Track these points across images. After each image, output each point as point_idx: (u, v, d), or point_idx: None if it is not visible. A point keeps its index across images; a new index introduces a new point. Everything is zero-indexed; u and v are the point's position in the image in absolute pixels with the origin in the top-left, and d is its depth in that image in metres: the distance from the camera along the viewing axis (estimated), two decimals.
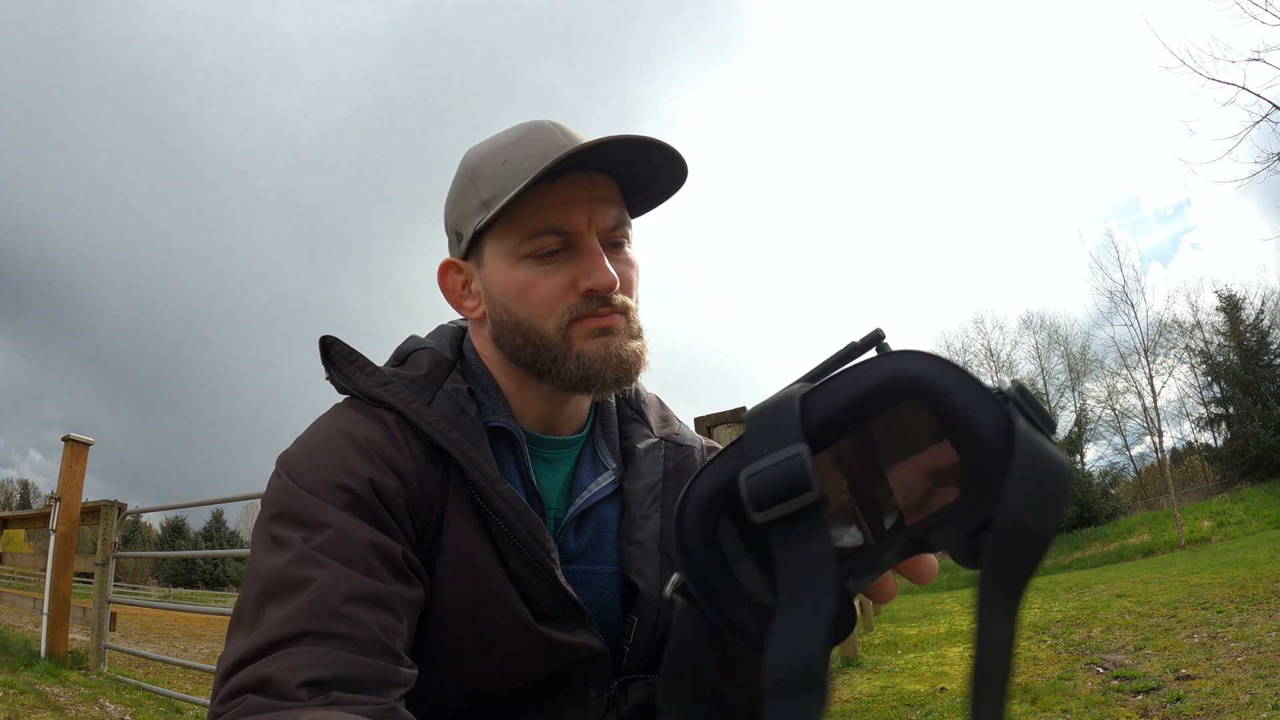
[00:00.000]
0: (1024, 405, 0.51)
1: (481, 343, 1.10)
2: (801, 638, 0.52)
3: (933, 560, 0.62)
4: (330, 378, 1.06)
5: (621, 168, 1.02)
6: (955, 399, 0.52)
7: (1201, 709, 4.39)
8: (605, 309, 1.00)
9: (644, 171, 1.02)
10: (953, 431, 0.55)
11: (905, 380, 0.54)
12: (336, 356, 1.05)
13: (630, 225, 1.06)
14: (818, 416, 0.56)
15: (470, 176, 1.04)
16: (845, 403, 0.55)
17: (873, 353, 0.62)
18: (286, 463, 0.95)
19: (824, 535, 0.53)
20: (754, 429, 0.56)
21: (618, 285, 1.00)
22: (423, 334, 1.17)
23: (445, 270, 1.11)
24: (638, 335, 1.05)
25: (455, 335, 1.14)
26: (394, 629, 0.83)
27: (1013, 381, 0.53)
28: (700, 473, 0.59)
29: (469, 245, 1.05)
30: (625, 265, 1.04)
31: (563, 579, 0.98)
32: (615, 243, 1.04)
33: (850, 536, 0.60)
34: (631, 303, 1.04)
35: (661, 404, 1.25)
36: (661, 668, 0.64)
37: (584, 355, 1.00)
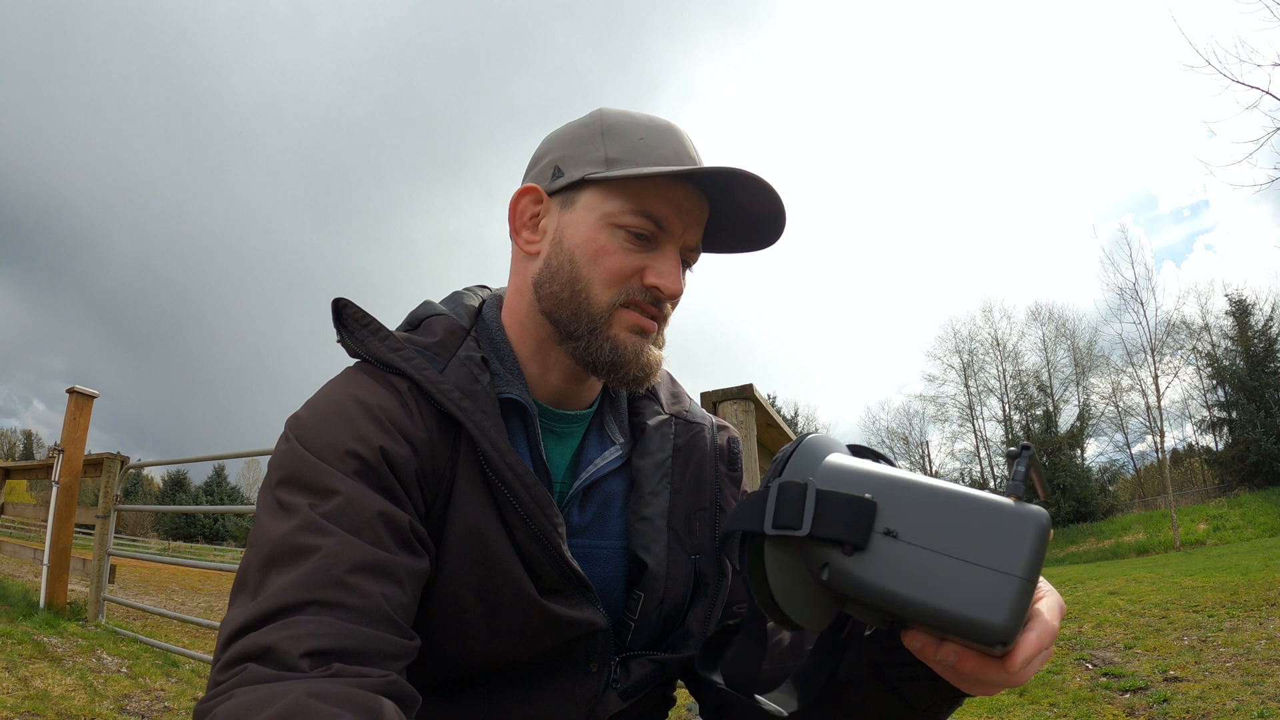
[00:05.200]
0: None
1: (517, 289, 1.10)
2: None
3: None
4: (342, 341, 1.05)
5: (725, 206, 1.06)
6: None
7: (1188, 712, 4.41)
8: (653, 309, 1.04)
9: (738, 217, 1.07)
10: None
11: None
12: (349, 320, 1.04)
13: (699, 255, 1.11)
14: None
15: (603, 130, 1.05)
16: None
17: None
18: (296, 427, 0.94)
19: None
20: None
21: (679, 296, 1.05)
22: (433, 296, 1.16)
23: (524, 194, 1.09)
24: (661, 346, 1.08)
25: (470, 303, 1.13)
26: (398, 600, 0.83)
27: None
28: None
29: (565, 186, 1.05)
30: (683, 284, 1.07)
31: (568, 554, 0.98)
32: (687, 262, 1.08)
33: None
34: (669, 315, 1.08)
35: (672, 380, 1.25)
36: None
37: (619, 343, 1.02)
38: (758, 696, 0.86)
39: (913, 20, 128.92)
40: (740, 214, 1.06)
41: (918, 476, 0.73)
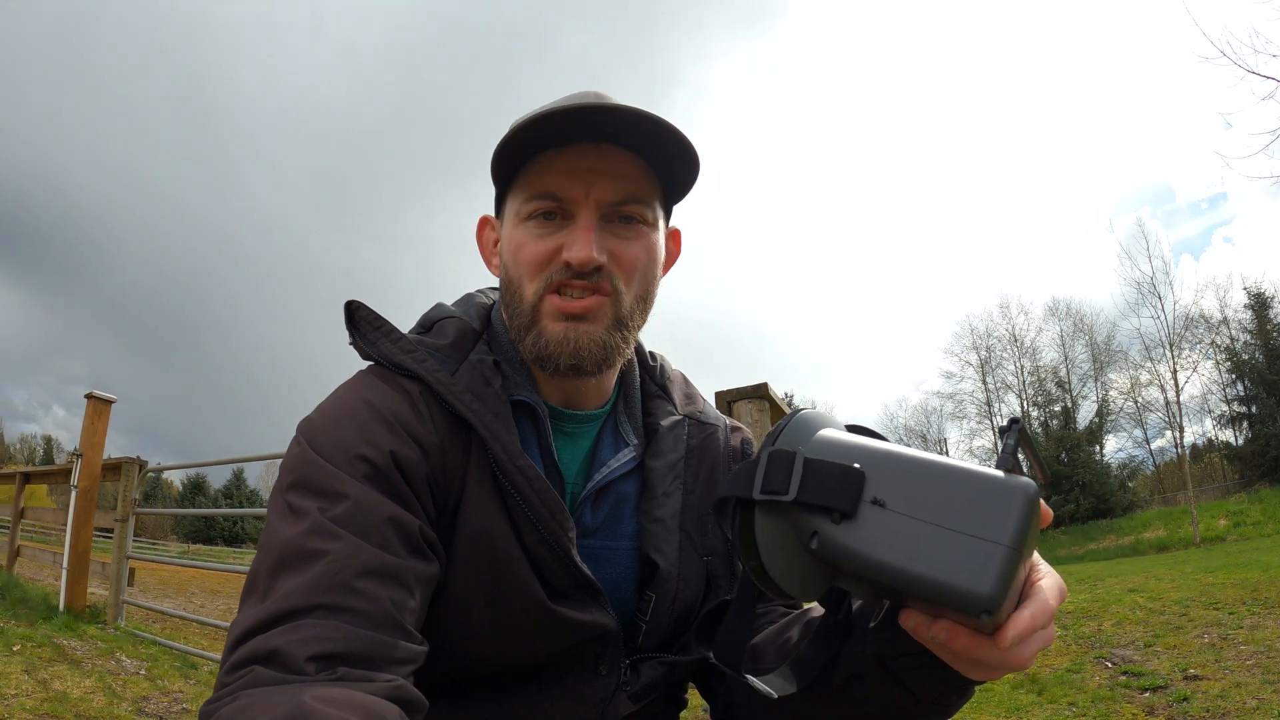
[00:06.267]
0: None
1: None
2: None
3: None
4: (354, 343, 1.05)
5: (639, 143, 0.99)
6: None
7: (1208, 710, 4.37)
8: (584, 284, 0.99)
9: (664, 150, 1.00)
10: None
11: None
12: (361, 322, 1.04)
13: (650, 204, 1.03)
14: None
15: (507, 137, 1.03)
16: None
17: None
18: (307, 430, 0.94)
19: None
20: None
21: (595, 264, 0.98)
22: (447, 298, 1.17)
23: (482, 226, 1.13)
24: (621, 325, 1.02)
25: (483, 305, 1.14)
26: (406, 604, 0.83)
27: None
28: None
29: (497, 204, 1.08)
30: (630, 245, 1.01)
31: (578, 558, 0.98)
32: (625, 218, 1.01)
33: None
34: (624, 286, 1.01)
35: (686, 381, 1.24)
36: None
37: (544, 333, 1.00)
38: (748, 676, 0.86)
39: (926, 16, 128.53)
40: (654, 147, 0.99)
41: (908, 449, 0.74)
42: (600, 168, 0.99)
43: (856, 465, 0.73)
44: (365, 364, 1.06)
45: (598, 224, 0.99)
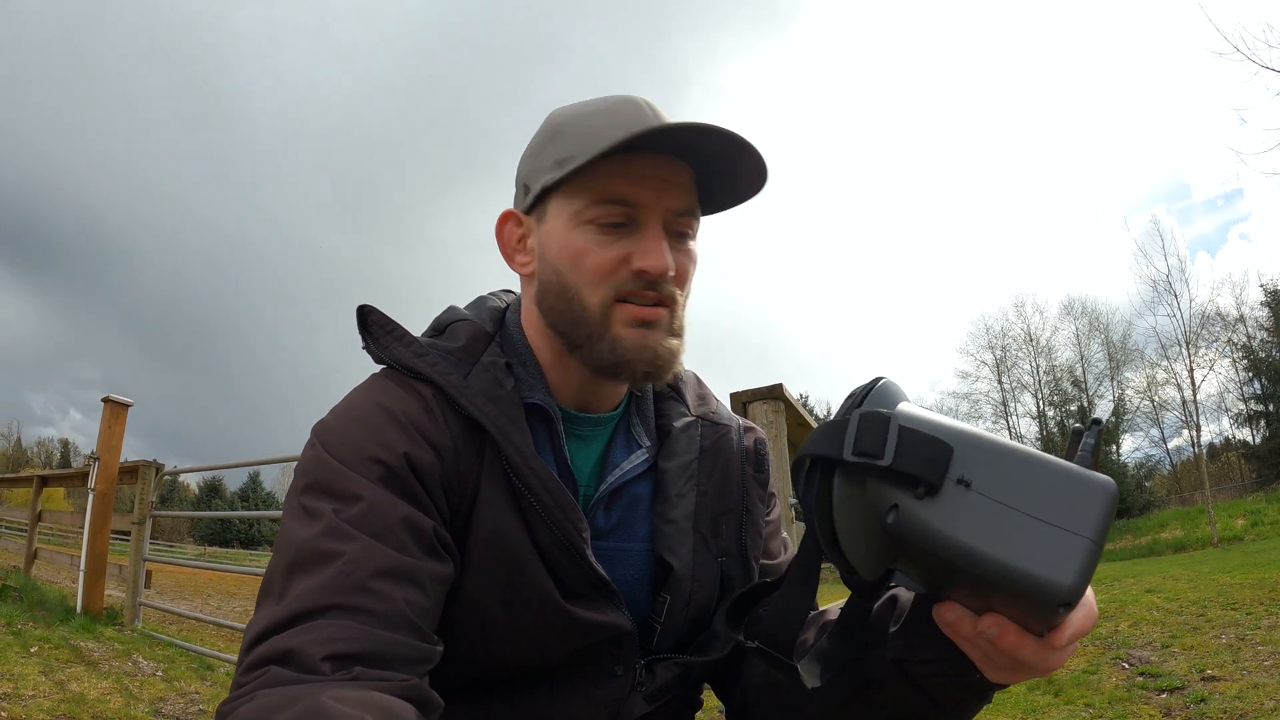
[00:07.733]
0: None
1: (527, 307, 1.10)
2: None
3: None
4: (367, 347, 1.05)
5: (703, 160, 1.00)
6: None
7: (1225, 712, 4.34)
8: (652, 294, 0.99)
9: (724, 169, 1.01)
10: None
11: None
12: (373, 326, 1.05)
13: (698, 219, 1.05)
14: None
15: (552, 134, 1.03)
16: None
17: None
18: (321, 433, 0.95)
19: None
20: None
21: (670, 273, 0.99)
22: (461, 301, 1.17)
23: (505, 220, 1.10)
24: (678, 333, 1.03)
25: (495, 308, 1.14)
26: (421, 605, 0.83)
27: None
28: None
29: (534, 200, 1.05)
30: (684, 257, 1.03)
31: (593, 559, 0.98)
32: (680, 232, 1.02)
33: None
34: (680, 296, 1.03)
35: (699, 381, 1.24)
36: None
37: (619, 341, 0.99)
38: (797, 665, 0.84)
39: (939, 13, 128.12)
40: (719, 166, 1.01)
41: (991, 434, 0.72)
42: (672, 179, 0.99)
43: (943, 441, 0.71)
44: (379, 367, 1.06)
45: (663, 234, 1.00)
